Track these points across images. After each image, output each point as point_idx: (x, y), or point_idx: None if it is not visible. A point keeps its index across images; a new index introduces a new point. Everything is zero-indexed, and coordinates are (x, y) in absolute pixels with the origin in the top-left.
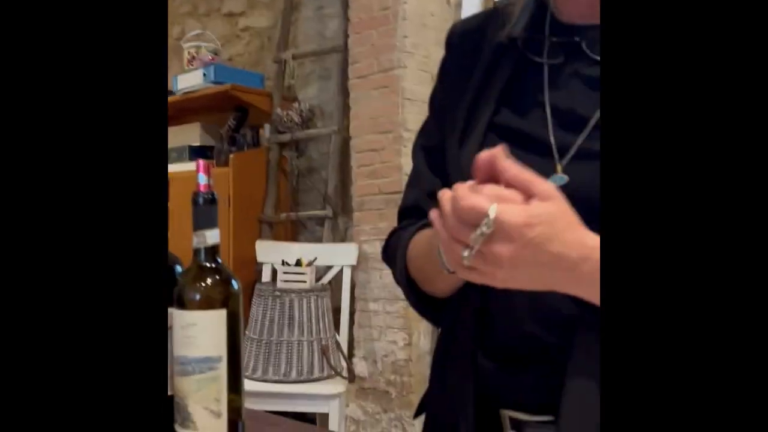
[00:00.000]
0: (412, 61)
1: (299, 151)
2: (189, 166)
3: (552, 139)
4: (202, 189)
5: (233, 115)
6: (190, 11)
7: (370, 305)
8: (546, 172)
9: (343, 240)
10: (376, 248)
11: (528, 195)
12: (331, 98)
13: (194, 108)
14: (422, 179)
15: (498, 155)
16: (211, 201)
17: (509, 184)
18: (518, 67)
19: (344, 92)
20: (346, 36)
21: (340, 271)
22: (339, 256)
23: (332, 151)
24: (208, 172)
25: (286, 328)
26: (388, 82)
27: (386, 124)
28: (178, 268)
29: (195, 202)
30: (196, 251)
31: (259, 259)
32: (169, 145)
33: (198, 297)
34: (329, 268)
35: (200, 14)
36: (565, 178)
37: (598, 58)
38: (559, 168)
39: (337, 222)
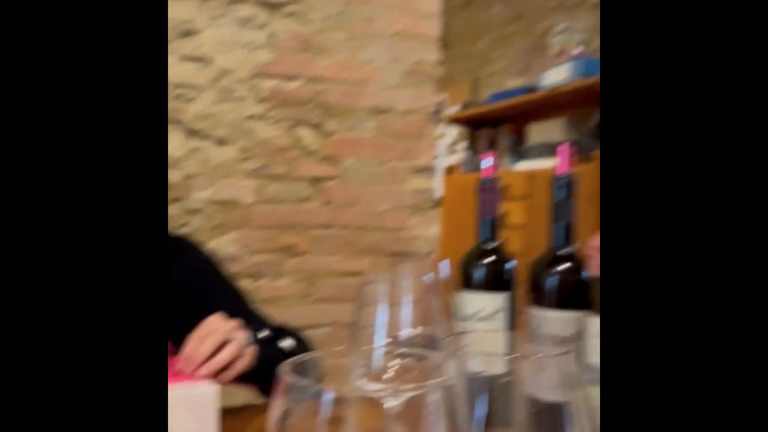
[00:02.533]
0: None
1: None
2: (550, 162)
3: None
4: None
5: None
6: (557, 5)
7: None
8: None
9: None
10: None
11: None
12: None
13: (557, 104)
14: None
15: None
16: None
17: None
18: None
19: None
20: None
21: None
22: None
23: None
24: (569, 157)
25: None
26: None
27: None
28: None
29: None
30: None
31: None
32: (532, 142)
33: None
34: None
35: (568, 6)
36: None
37: None
38: None
39: None
